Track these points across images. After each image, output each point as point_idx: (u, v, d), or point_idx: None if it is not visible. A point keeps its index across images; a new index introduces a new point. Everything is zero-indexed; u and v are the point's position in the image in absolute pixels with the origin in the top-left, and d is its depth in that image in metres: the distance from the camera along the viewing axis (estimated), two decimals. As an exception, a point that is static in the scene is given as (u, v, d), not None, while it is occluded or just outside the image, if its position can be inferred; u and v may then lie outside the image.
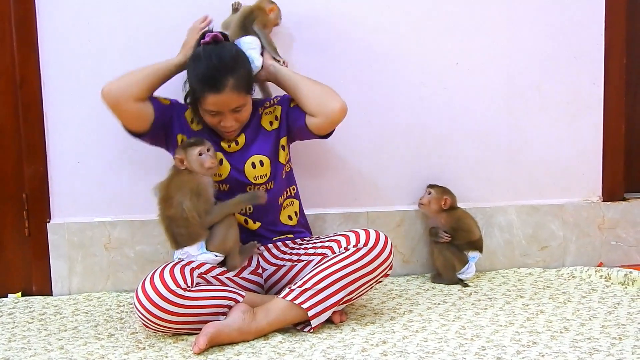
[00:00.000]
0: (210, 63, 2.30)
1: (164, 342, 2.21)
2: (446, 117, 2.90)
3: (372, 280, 2.32)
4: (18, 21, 2.65)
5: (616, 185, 3.03)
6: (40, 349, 2.18)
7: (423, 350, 2.08)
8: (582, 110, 2.98)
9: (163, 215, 2.34)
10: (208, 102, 2.31)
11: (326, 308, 2.25)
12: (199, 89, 2.31)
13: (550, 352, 2.04)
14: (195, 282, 2.20)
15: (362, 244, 2.29)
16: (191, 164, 2.32)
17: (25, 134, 2.70)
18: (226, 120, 2.36)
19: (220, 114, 2.35)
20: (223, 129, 2.39)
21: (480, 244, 2.83)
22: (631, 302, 2.50)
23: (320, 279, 2.25)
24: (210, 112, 2.34)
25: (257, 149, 2.46)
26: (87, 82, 2.69)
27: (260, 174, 2.45)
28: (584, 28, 2.94)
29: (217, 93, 2.29)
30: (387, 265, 2.33)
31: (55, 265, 2.75)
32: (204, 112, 2.36)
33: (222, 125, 2.37)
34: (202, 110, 2.36)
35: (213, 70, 2.29)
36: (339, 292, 2.26)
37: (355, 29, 2.81)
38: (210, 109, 2.33)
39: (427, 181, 2.87)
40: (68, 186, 2.74)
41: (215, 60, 2.30)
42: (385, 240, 2.32)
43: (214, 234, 2.34)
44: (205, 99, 2.31)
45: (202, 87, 2.30)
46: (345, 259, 2.27)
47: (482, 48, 2.90)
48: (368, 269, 2.29)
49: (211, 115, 2.35)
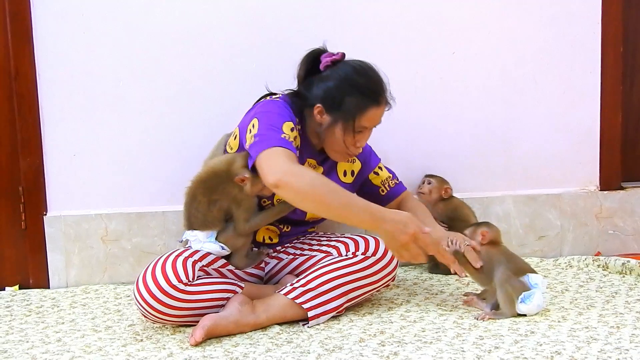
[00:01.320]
0: (368, 77, 2.28)
1: (162, 333, 2.21)
2: (442, 107, 2.90)
3: (374, 289, 2.34)
4: (13, 13, 2.64)
5: (613, 174, 3.03)
6: (38, 342, 2.18)
7: (421, 340, 2.08)
8: (579, 100, 2.98)
9: (192, 193, 2.31)
10: (367, 116, 2.27)
11: (326, 311, 2.25)
12: (360, 102, 2.26)
13: (548, 341, 2.04)
14: (196, 275, 2.19)
15: (371, 253, 2.30)
16: (253, 188, 2.27)
17: (21, 127, 2.69)
18: (365, 139, 2.33)
19: (365, 133, 2.31)
20: (355, 150, 2.33)
21: None
22: (629, 291, 2.50)
23: (324, 282, 2.25)
24: (359, 128, 2.28)
25: None
26: (83, 74, 2.69)
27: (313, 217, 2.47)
28: (580, 17, 2.94)
29: (378, 106, 2.28)
30: (391, 277, 2.35)
31: (52, 258, 2.74)
32: (348, 129, 2.27)
33: (359, 145, 2.32)
34: (344, 128, 2.27)
35: (374, 85, 2.28)
36: (341, 297, 2.26)
37: (350, 19, 2.80)
38: (365, 125, 2.29)
39: (423, 171, 2.87)
40: (64, 179, 2.73)
41: (372, 74, 2.29)
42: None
43: (228, 227, 2.33)
44: (366, 114, 2.27)
45: (365, 99, 2.26)
46: (352, 266, 2.28)
47: (478, 37, 2.89)
48: (373, 278, 2.30)
49: (358, 132, 2.29)
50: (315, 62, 2.34)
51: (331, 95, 2.27)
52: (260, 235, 2.46)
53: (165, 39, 2.70)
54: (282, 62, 2.52)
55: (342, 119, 2.27)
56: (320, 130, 2.32)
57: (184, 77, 2.73)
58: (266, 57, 2.75)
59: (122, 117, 2.72)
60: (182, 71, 2.72)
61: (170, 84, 2.72)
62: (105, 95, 2.71)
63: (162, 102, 2.72)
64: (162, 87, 2.72)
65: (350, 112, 2.26)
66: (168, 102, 2.73)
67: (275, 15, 2.75)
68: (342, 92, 2.26)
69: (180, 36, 2.70)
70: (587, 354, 1.93)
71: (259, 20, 2.75)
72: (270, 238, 2.48)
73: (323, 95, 2.28)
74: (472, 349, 2.00)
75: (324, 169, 2.44)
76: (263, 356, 2.00)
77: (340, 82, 2.27)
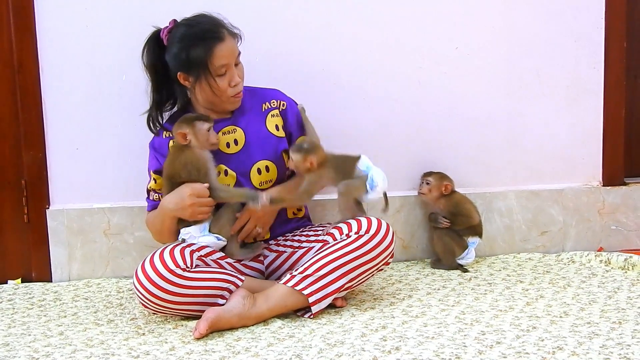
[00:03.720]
0: (199, 23, 2.34)
1: (164, 327, 2.21)
2: (445, 102, 2.89)
3: (374, 267, 2.32)
4: (16, 6, 2.64)
5: (616, 169, 3.02)
6: (40, 335, 2.18)
7: (422, 335, 2.08)
8: (582, 95, 2.97)
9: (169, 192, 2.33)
10: (217, 55, 2.30)
11: (327, 295, 2.24)
12: (203, 47, 2.30)
13: (549, 336, 2.04)
14: (194, 263, 2.21)
15: (364, 231, 2.29)
16: (198, 138, 2.31)
17: (24, 120, 2.69)
18: (234, 75, 2.35)
19: (230, 71, 2.33)
20: (234, 90, 2.36)
21: (479, 229, 2.83)
22: (631, 286, 2.50)
23: (322, 266, 2.24)
24: (220, 69, 2.31)
25: (262, 154, 2.44)
26: (86, 67, 2.69)
27: (266, 180, 2.44)
28: (584, 11, 2.93)
29: (222, 41, 2.31)
30: (388, 253, 2.33)
31: (55, 251, 2.75)
32: (211, 77, 2.32)
33: (234, 83, 2.35)
34: (207, 77, 2.32)
35: (207, 25, 2.34)
36: (340, 279, 2.26)
37: (353, 14, 2.80)
38: (222, 63, 2.31)
39: (426, 166, 2.86)
40: (67, 172, 2.73)
41: (202, 19, 2.36)
42: (387, 228, 2.32)
43: (218, 216, 2.34)
44: (213, 53, 2.30)
45: (206, 42, 2.30)
46: (347, 246, 2.27)
47: (481, 32, 2.88)
48: (369, 256, 2.28)
49: (221, 76, 2.32)
50: (160, 43, 2.40)
51: (180, 57, 2.33)
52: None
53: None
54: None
55: (201, 71, 2.33)
56: (199, 96, 2.39)
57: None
58: (266, 52, 2.74)
59: (125, 110, 2.71)
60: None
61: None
62: (108, 89, 2.71)
63: (164, 96, 2.72)
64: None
65: (201, 61, 2.31)
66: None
67: (276, 14, 2.74)
68: (186, 48, 2.32)
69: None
70: (589, 349, 1.93)
71: (261, 18, 2.74)
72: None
73: (176, 63, 2.35)
74: (473, 344, 2.00)
75: (242, 129, 2.45)
76: (265, 350, 2.00)
77: (180, 42, 2.34)
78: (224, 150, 2.42)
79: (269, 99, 2.52)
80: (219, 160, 2.39)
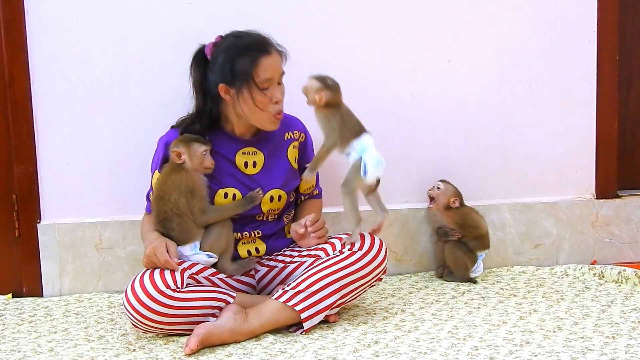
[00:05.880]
0: (248, 35, 2.33)
1: (155, 343, 2.20)
2: (438, 115, 2.89)
3: (366, 284, 2.31)
4: (7, 20, 2.63)
5: (609, 182, 3.02)
6: (30, 352, 2.16)
7: (415, 350, 2.07)
8: (575, 107, 2.97)
9: (159, 212, 2.32)
10: (262, 67, 2.28)
11: (319, 311, 2.23)
12: (249, 58, 2.28)
13: (543, 351, 2.03)
14: (185, 282, 2.19)
15: (357, 247, 2.28)
16: (192, 160, 2.30)
17: (15, 134, 2.68)
18: (277, 92, 2.32)
19: (273, 87, 2.31)
20: (275, 107, 2.33)
21: (487, 240, 2.82)
22: (625, 300, 2.49)
23: (314, 282, 2.23)
24: (264, 83, 2.28)
25: (279, 183, 2.43)
26: (77, 81, 2.68)
27: (274, 208, 2.44)
28: (576, 24, 2.93)
29: (269, 54, 2.30)
30: (381, 270, 2.32)
31: (46, 266, 2.73)
32: (255, 89, 2.28)
33: (275, 100, 2.31)
34: (251, 89, 2.28)
35: (255, 38, 2.32)
36: (332, 295, 2.24)
37: (346, 25, 2.80)
38: (267, 76, 2.28)
39: (419, 179, 2.86)
40: (58, 186, 2.72)
41: (251, 33, 2.35)
42: (380, 245, 2.31)
43: (208, 233, 2.33)
44: (259, 65, 2.28)
45: (253, 53, 2.28)
46: (339, 262, 2.26)
47: (474, 45, 2.89)
48: (362, 272, 2.27)
49: (264, 91, 2.29)
50: (205, 59, 2.38)
51: (223, 69, 2.31)
52: (244, 249, 2.44)
53: (159, 46, 2.69)
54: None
55: (243, 83, 2.29)
56: (240, 110, 2.33)
57: (178, 84, 2.70)
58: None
59: (116, 124, 2.71)
60: (176, 78, 2.69)
61: (164, 91, 2.70)
62: (99, 103, 2.70)
63: (156, 109, 2.71)
64: (156, 94, 2.71)
65: (246, 72, 2.28)
66: (163, 109, 2.71)
67: (271, 23, 2.74)
68: (231, 59, 2.30)
69: (175, 43, 2.69)
70: (582, 365, 1.93)
71: (255, 26, 2.73)
72: (257, 250, 2.46)
73: (219, 74, 2.32)
74: (466, 359, 1.99)
75: (264, 153, 2.43)
76: (256, 367, 1.99)
77: (226, 53, 2.31)
78: (241, 169, 2.40)
79: (292, 129, 2.50)
80: (233, 180, 2.38)
